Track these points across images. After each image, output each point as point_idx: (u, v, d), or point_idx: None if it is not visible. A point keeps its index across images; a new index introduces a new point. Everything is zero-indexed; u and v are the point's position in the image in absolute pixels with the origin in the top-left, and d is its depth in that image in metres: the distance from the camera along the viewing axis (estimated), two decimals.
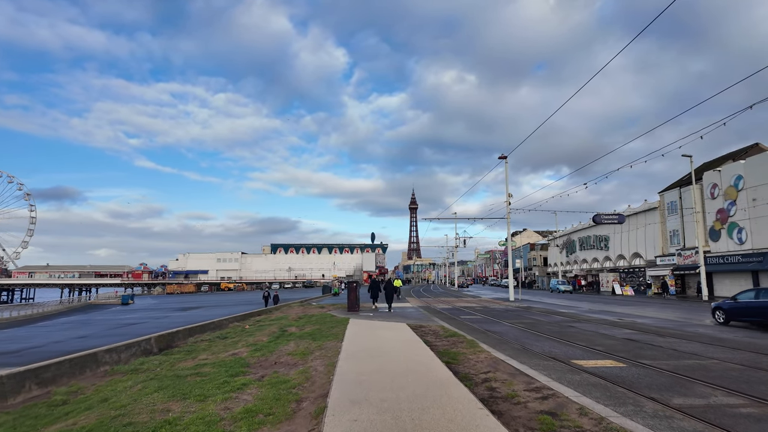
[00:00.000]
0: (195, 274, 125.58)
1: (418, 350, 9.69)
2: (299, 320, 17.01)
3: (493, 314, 20.75)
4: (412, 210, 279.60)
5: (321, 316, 18.03)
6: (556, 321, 17.73)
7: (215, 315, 27.37)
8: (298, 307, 26.19)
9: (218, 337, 13.81)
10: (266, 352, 10.18)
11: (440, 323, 15.90)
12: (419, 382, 6.73)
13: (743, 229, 35.47)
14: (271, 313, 22.08)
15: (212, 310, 40.55)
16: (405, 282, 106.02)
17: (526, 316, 20.09)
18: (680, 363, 8.87)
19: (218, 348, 11.32)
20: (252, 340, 12.28)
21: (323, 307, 24.99)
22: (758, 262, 33.09)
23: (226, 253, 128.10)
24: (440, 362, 8.31)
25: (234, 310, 31.98)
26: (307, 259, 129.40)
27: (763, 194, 33.37)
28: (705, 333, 13.96)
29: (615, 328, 15.07)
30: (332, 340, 11.29)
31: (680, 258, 42.53)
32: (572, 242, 71.13)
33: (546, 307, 26.55)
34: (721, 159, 42.76)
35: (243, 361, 9.14)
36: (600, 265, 61.47)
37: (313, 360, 9.01)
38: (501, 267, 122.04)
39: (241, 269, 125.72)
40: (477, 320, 18.06)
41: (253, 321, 18.29)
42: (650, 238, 49.41)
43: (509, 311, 22.77)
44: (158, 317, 35.51)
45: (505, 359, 8.93)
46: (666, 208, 46.40)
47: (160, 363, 9.63)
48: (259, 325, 16.18)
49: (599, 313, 21.63)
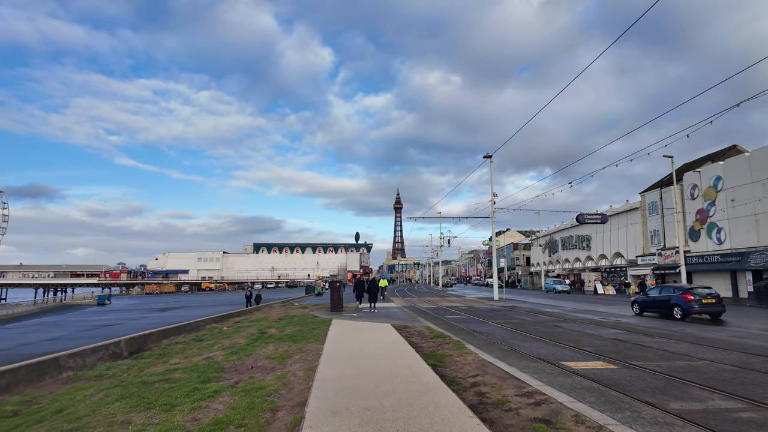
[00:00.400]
0: (175, 274, 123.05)
1: (403, 352, 9.28)
2: (280, 321, 16.45)
3: (478, 314, 20.49)
4: (397, 210, 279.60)
5: (303, 317, 17.50)
6: (541, 321, 17.54)
7: (194, 316, 26.56)
8: (279, 307, 25.57)
9: (194, 339, 13.19)
10: (243, 355, 9.65)
11: (425, 324, 15.53)
12: (405, 387, 6.31)
13: (722, 230, 36.06)
14: (251, 314, 21.44)
15: (191, 311, 39.52)
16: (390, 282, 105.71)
17: (512, 315, 19.88)
18: (672, 364, 8.65)
19: (192, 351, 10.73)
20: (229, 342, 11.71)
21: (306, 307, 24.42)
22: (736, 261, 33.65)
23: (207, 252, 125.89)
24: (426, 365, 7.91)
25: (214, 311, 31.13)
26: (290, 259, 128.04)
27: (742, 195, 33.95)
28: (689, 332, 13.89)
29: (601, 328, 14.91)
30: (313, 343, 10.80)
31: (661, 258, 43.10)
32: (555, 242, 71.75)
33: (531, 306, 26.45)
34: (701, 160, 43.47)
35: (217, 366, 8.60)
36: (582, 264, 62.10)
37: (292, 364, 8.51)
38: (484, 267, 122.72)
39: (223, 269, 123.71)
40: (463, 320, 17.75)
41: (232, 322, 17.65)
42: (631, 238, 50.02)
43: (494, 311, 22.55)
44: (135, 318, 34.40)
45: (494, 361, 8.58)
46: (647, 208, 47.01)
47: (129, 368, 9.02)
48: (237, 327, 15.57)
49: (584, 313, 21.57)
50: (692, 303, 18.18)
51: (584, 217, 34.28)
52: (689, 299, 18.31)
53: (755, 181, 32.90)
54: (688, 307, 18.14)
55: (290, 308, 24.01)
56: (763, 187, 32.15)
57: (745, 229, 33.85)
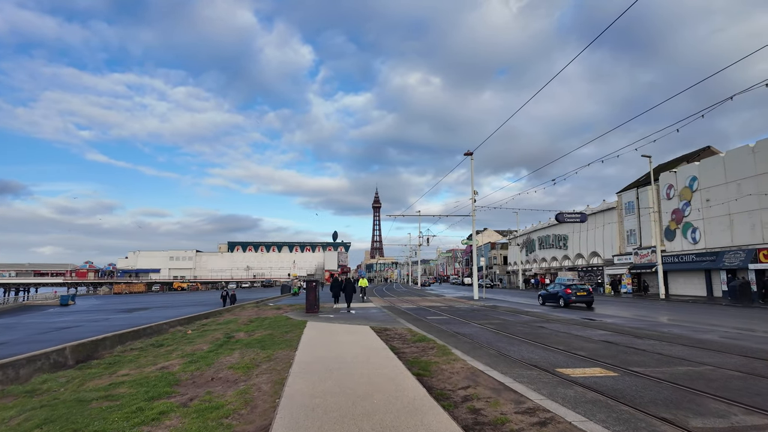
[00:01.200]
0: (146, 273, 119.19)
1: (384, 360, 8.37)
2: (250, 324, 15.31)
3: (460, 314, 19.76)
4: (376, 209, 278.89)
5: (275, 319, 16.39)
6: (525, 321, 16.92)
7: (161, 317, 25.04)
8: (252, 308, 24.32)
9: (153, 344, 11.97)
10: (203, 364, 8.56)
11: (406, 325, 14.66)
12: (388, 405, 5.40)
13: (697, 229, 36.48)
14: (220, 316, 20.19)
15: (160, 312, 37.69)
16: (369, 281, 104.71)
17: (494, 316, 19.23)
18: (674, 370, 7.99)
19: (147, 359, 9.56)
20: (190, 348, 10.56)
21: (280, 308, 23.26)
22: (711, 261, 34.03)
23: (179, 251, 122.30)
24: (411, 376, 7.02)
25: (182, 312, 29.61)
26: (266, 258, 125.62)
27: (716, 195, 34.36)
28: (679, 333, 13.44)
29: (588, 329, 14.34)
30: (284, 349, 9.77)
31: (637, 257, 43.49)
32: (532, 241, 72.14)
33: (511, 306, 25.94)
34: (676, 161, 44.07)
35: (172, 378, 7.51)
36: (559, 263, 62.51)
37: (258, 375, 7.49)
38: (462, 266, 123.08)
39: (196, 268, 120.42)
40: (444, 321, 16.97)
41: (198, 325, 16.41)
42: (608, 238, 50.44)
43: (476, 311, 21.89)
44: (97, 320, 32.45)
45: (484, 369, 7.76)
46: (623, 208, 47.44)
47: (68, 381, 7.84)
48: (203, 330, 14.38)
49: (566, 312, 21.11)
50: (570, 295, 24.50)
51: (563, 216, 34.09)
52: (568, 293, 24.67)
53: (729, 182, 33.32)
54: (567, 298, 24.46)
55: (263, 309, 22.81)
56: (738, 188, 32.57)
57: (719, 229, 34.27)
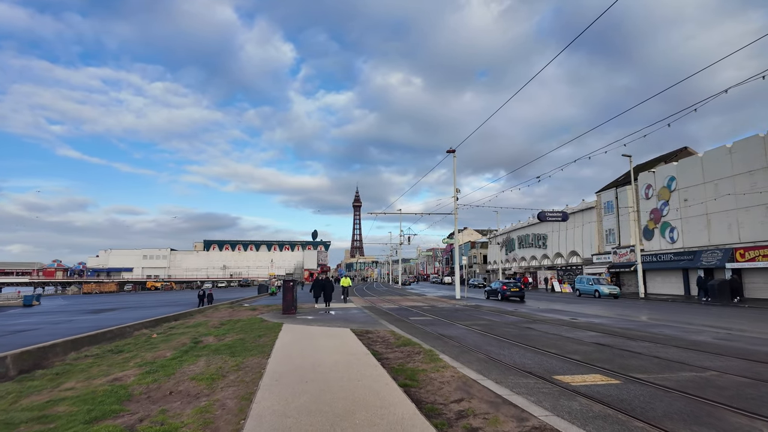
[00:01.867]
0: (118, 272, 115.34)
1: (367, 368, 7.57)
2: (221, 327, 14.29)
3: (443, 315, 19.11)
4: (356, 208, 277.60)
5: (249, 322, 15.40)
6: (511, 322, 16.37)
7: (130, 318, 23.66)
8: (225, 309, 23.19)
9: (111, 350, 10.88)
10: (163, 375, 7.60)
11: (389, 327, 13.90)
12: (372, 426, 4.61)
13: (675, 229, 36.84)
14: (191, 317, 19.04)
15: (129, 313, 35.96)
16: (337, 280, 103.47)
17: (478, 316, 18.64)
18: (678, 376, 7.44)
19: (101, 368, 8.53)
20: (151, 355, 9.55)
21: (255, 309, 22.20)
22: (689, 260, 34.37)
23: (153, 249, 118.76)
24: (397, 387, 6.25)
25: (154, 312, 28.20)
26: (243, 257, 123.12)
27: (694, 195, 34.72)
28: (670, 334, 13.05)
29: (577, 330, 13.84)
30: (256, 356, 8.87)
31: (616, 256, 43.80)
32: (512, 240, 72.39)
33: (494, 305, 25.48)
34: (654, 161, 44.56)
35: (123, 392, 6.55)
36: (538, 262, 62.82)
37: (224, 388, 6.60)
38: (442, 265, 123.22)
39: (170, 267, 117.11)
40: (428, 322, 16.27)
41: (165, 328, 15.29)
42: (587, 237, 50.78)
43: (459, 311, 21.30)
44: (59, 322, 30.61)
45: (477, 378, 7.05)
46: (602, 207, 47.78)
47: (2, 397, 6.78)
48: (169, 334, 13.30)
49: (550, 312, 20.70)
50: (506, 291, 30.54)
51: (545, 215, 33.90)
52: (504, 288, 30.72)
53: (707, 182, 33.68)
54: (503, 293, 30.54)
55: (237, 310, 21.71)
56: (715, 188, 32.93)
57: (697, 229, 34.64)
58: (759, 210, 29.67)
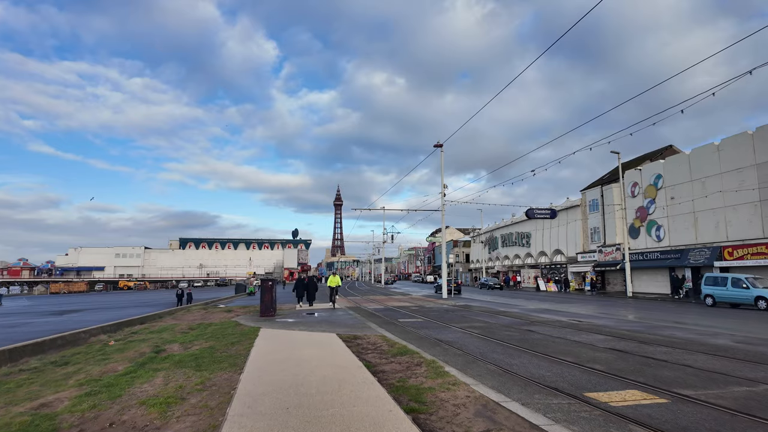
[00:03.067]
0: (89, 271, 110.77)
1: (363, 387, 6.21)
2: (190, 332, 12.69)
3: (434, 316, 17.87)
4: (337, 206, 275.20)
5: (222, 326, 13.83)
6: (507, 324, 15.22)
7: (96, 320, 21.73)
8: (198, 310, 21.46)
9: (54, 362, 9.23)
10: (107, 397, 6.08)
11: (379, 331, 12.55)
12: None
13: (662, 227, 36.52)
14: (159, 320, 17.32)
15: (95, 314, 33.64)
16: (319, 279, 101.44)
17: (472, 317, 17.46)
18: (730, 392, 6.32)
19: (30, 389, 6.93)
20: (99, 370, 7.97)
21: (231, 310, 20.55)
22: (676, 258, 34.04)
23: (126, 247, 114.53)
24: (404, 415, 4.91)
25: (124, 314, 26.20)
26: (221, 255, 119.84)
27: (681, 193, 34.41)
28: (684, 337, 12.07)
29: (582, 333, 12.76)
30: (226, 370, 7.40)
31: (601, 255, 43.42)
32: (495, 239, 71.91)
33: (484, 305, 24.42)
34: (639, 159, 44.34)
35: (47, 424, 5.03)
36: (522, 261, 62.39)
37: (181, 419, 5.13)
38: (424, 264, 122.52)
39: (144, 266, 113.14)
40: (420, 325, 14.99)
41: (127, 333, 13.59)
42: (572, 235, 50.42)
43: (450, 311, 20.10)
44: (16, 325, 28.19)
45: (498, 399, 5.77)
46: (587, 205, 47.43)
47: None
48: (129, 340, 11.65)
49: (545, 313, 19.69)
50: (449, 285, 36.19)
51: (534, 212, 33.10)
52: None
53: (694, 180, 33.39)
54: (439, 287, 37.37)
55: (211, 312, 20.03)
56: (702, 186, 32.64)
57: (683, 227, 34.34)
58: (747, 208, 29.40)
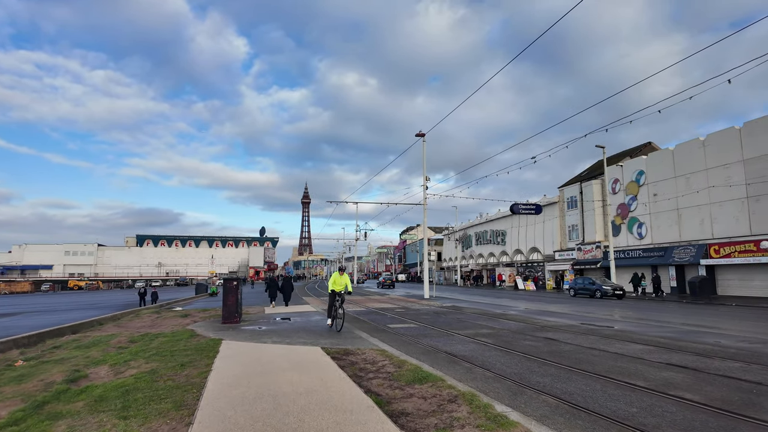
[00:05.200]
0: (35, 270, 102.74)
1: None
2: (129, 347, 9.85)
3: (427, 320, 15.62)
4: (305, 204, 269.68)
5: (173, 337, 11.03)
6: (517, 330, 13.15)
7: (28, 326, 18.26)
8: (149, 314, 18.37)
9: None
10: None
11: (373, 342, 10.14)
12: None
13: (643, 224, 35.78)
14: (99, 327, 14.25)
15: (32, 319, 29.53)
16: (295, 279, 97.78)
17: (470, 322, 15.31)
18: None
19: None
20: None
21: (188, 315, 17.59)
22: (659, 256, 33.28)
23: (77, 244, 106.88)
24: None
25: (63, 318, 22.68)
26: (182, 254, 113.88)
27: (664, 190, 33.69)
28: (737, 346, 10.30)
29: (614, 342, 10.80)
30: (167, 417, 4.81)
31: (580, 253, 42.54)
32: (468, 237, 70.71)
33: (473, 306, 22.41)
34: (619, 156, 43.75)
35: None
36: (496, 259, 61.30)
37: None
38: (394, 262, 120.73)
39: (98, 264, 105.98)
40: (417, 332, 12.68)
41: (49, 347, 10.58)
42: (549, 233, 49.51)
43: (441, 314, 17.91)
44: None
45: None
46: (565, 203, 46.57)
47: None
48: (43, 360, 8.72)
49: (544, 315, 17.82)
50: (384, 282, 50.99)
51: (518, 207, 31.51)
52: (381, 281, 51.69)
53: (678, 176, 32.70)
54: (380, 284, 50.27)
55: (164, 317, 17.02)
56: (687, 182, 31.96)
57: (667, 224, 33.64)
58: (734, 204, 28.77)
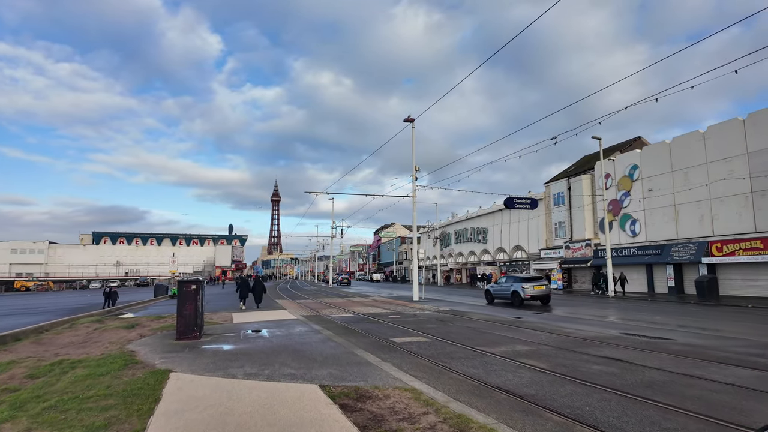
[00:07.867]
0: None
1: None
2: (19, 389, 6.49)
3: (434, 331, 12.78)
4: (275, 203, 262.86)
5: (98, 367, 7.69)
6: (560, 345, 10.50)
7: None
8: (87, 324, 14.75)
9: None
10: None
11: (389, 371, 7.17)
12: None
13: (637, 221, 34.21)
14: (9, 347, 10.70)
15: None
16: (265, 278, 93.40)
17: (489, 332, 12.58)
18: None
19: None
20: None
21: (134, 326, 14.08)
22: (656, 254, 31.68)
23: (26, 242, 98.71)
24: None
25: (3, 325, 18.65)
26: (142, 252, 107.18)
27: (660, 184, 32.16)
28: None
29: (703, 364, 8.28)
30: None
31: (568, 251, 40.83)
32: (448, 235, 68.59)
33: (476, 311, 19.77)
34: (609, 150, 42.27)
35: None
36: (477, 258, 59.33)
37: None
38: (368, 262, 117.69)
39: (49, 263, 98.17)
40: (436, 351, 9.81)
41: None
42: (534, 231, 47.78)
43: (446, 322, 15.13)
44: None
45: None
46: (552, 199, 44.87)
47: None
48: None
49: (561, 321, 15.32)
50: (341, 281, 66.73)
51: (513, 202, 29.17)
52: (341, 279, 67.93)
53: (676, 170, 31.18)
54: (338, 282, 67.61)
55: (104, 329, 13.48)
56: (685, 177, 30.46)
57: (662, 221, 32.11)
58: (737, 200, 27.33)
